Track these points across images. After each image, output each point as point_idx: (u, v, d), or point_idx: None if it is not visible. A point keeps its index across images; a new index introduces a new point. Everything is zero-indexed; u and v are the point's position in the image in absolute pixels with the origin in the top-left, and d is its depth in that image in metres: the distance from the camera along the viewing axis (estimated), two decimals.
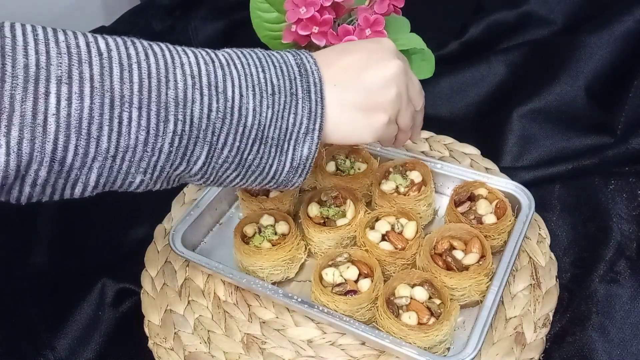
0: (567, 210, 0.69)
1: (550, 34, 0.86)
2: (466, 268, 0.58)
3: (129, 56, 0.39)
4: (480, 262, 0.59)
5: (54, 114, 0.36)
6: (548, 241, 0.65)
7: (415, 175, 0.68)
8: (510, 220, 0.62)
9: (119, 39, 0.40)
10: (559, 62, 0.79)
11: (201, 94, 0.41)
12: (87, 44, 0.38)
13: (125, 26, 1.02)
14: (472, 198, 0.66)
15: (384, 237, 0.62)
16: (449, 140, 0.78)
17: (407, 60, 0.53)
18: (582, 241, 0.65)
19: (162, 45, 0.42)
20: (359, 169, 0.71)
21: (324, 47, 0.72)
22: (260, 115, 0.44)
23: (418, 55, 0.75)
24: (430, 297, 0.57)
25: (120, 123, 0.38)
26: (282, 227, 0.64)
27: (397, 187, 0.67)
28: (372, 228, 0.63)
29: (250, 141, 0.44)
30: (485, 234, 0.61)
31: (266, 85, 0.44)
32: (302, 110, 0.45)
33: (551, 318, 0.59)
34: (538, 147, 0.76)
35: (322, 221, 0.65)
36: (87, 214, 0.71)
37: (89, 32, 0.40)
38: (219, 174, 0.45)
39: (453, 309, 0.55)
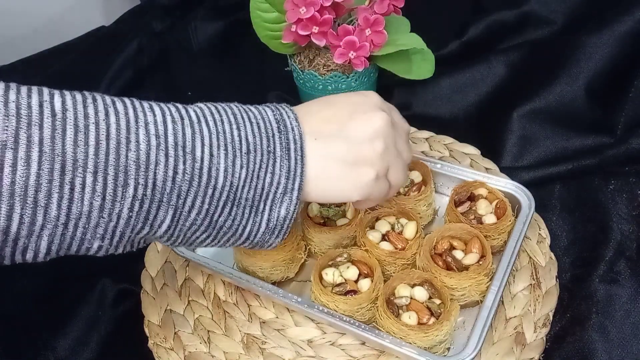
0: (567, 210, 0.69)
1: (550, 34, 0.86)
2: (466, 268, 0.58)
3: (86, 116, 0.36)
4: (480, 262, 0.59)
5: None
6: (548, 241, 0.65)
7: (415, 175, 0.68)
8: (510, 220, 0.62)
9: (78, 96, 0.37)
10: (559, 62, 0.79)
11: (166, 155, 0.38)
12: (40, 104, 0.35)
13: (125, 26, 1.02)
14: (472, 198, 0.66)
15: (384, 237, 0.62)
16: (449, 140, 0.78)
17: (394, 110, 0.50)
18: (582, 241, 0.65)
19: (127, 101, 0.39)
20: None
21: (324, 47, 0.73)
22: (233, 176, 0.41)
23: (418, 55, 0.75)
24: (430, 297, 0.57)
25: (72, 189, 0.35)
26: None
27: None
28: (372, 228, 0.63)
29: (221, 203, 0.41)
30: (485, 234, 0.61)
31: (240, 143, 0.41)
32: (280, 170, 0.43)
33: (551, 318, 0.59)
34: (538, 147, 0.76)
35: (322, 221, 0.65)
36: None
37: (89, 32, 0.39)
38: (187, 236, 0.42)
39: (453, 309, 0.55)
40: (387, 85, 0.85)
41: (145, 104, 0.40)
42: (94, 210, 0.36)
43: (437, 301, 0.56)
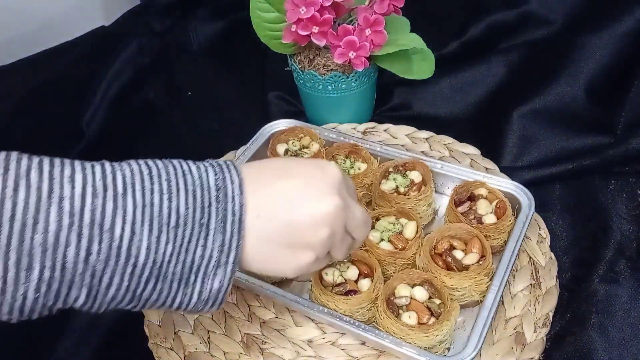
0: (567, 210, 0.69)
1: (550, 34, 0.86)
2: (466, 268, 0.58)
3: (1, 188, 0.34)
4: (480, 262, 0.59)
5: None
6: (548, 241, 0.65)
7: (415, 175, 0.68)
8: (510, 220, 0.62)
9: None
10: (559, 62, 0.79)
11: (79, 235, 0.35)
12: None
13: (125, 26, 1.02)
14: (472, 198, 0.66)
15: (383, 237, 0.62)
16: (449, 140, 0.78)
17: (351, 188, 0.47)
18: (582, 241, 0.65)
19: (47, 167, 0.36)
20: (359, 169, 0.71)
21: (324, 47, 0.73)
22: (157, 253, 0.38)
23: (418, 55, 0.75)
24: (430, 297, 0.57)
25: None
26: None
27: (397, 187, 0.67)
28: (372, 228, 0.63)
29: (144, 279, 0.38)
30: (485, 234, 0.61)
31: (169, 217, 0.38)
32: (213, 243, 0.40)
33: (551, 318, 0.59)
34: (538, 147, 0.76)
35: None
36: None
37: (89, 32, 0.38)
38: (112, 306, 0.40)
39: (453, 309, 0.55)
40: (387, 85, 0.85)
41: (67, 171, 0.36)
42: None
43: (437, 301, 0.56)
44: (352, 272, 0.59)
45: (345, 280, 0.59)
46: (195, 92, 0.93)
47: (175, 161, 0.41)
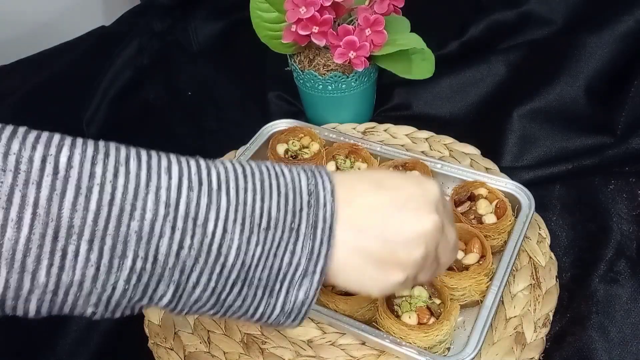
0: (567, 210, 0.69)
1: (550, 34, 0.86)
2: (466, 268, 0.58)
3: (91, 175, 0.33)
4: (480, 262, 0.59)
5: None
6: (548, 241, 0.65)
7: (415, 175, 0.68)
8: (510, 220, 0.62)
9: (89, 150, 0.34)
10: (559, 62, 0.79)
11: (173, 228, 0.35)
12: (44, 159, 0.33)
13: (125, 26, 1.02)
14: (472, 198, 0.66)
15: None
16: (449, 140, 0.78)
17: (448, 211, 0.44)
18: (582, 241, 0.65)
19: (144, 157, 0.36)
20: (359, 169, 0.71)
21: (324, 47, 0.72)
22: (246, 254, 0.37)
23: (418, 55, 0.75)
24: (430, 297, 0.57)
25: (63, 257, 0.33)
26: None
27: None
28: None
29: (231, 282, 0.37)
30: (485, 234, 0.61)
31: (261, 218, 0.37)
32: (302, 250, 0.38)
33: (551, 318, 0.59)
34: (538, 147, 0.76)
35: None
36: None
37: (89, 32, 0.38)
38: (194, 310, 0.39)
39: (453, 309, 0.55)
40: (387, 85, 0.85)
41: (164, 162, 0.36)
42: (86, 280, 0.34)
43: (437, 301, 0.56)
44: None
45: None
46: (195, 92, 0.93)
47: (267, 163, 0.40)
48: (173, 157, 0.37)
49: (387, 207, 0.40)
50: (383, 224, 0.39)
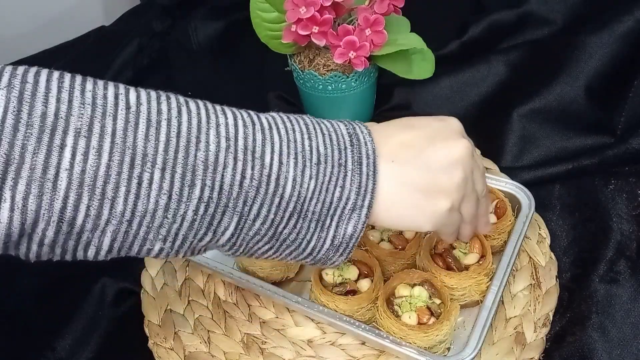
0: (567, 210, 0.69)
1: (550, 34, 0.86)
2: (466, 268, 0.58)
3: (159, 112, 0.36)
4: (480, 262, 0.59)
5: (67, 169, 0.33)
6: (548, 241, 0.65)
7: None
8: (510, 220, 0.62)
9: (153, 93, 0.37)
10: (559, 62, 0.79)
11: (235, 159, 0.37)
12: (116, 96, 0.35)
13: (125, 26, 1.02)
14: None
15: (383, 237, 0.62)
16: None
17: (470, 141, 0.47)
18: (582, 241, 0.65)
19: (200, 103, 0.39)
20: None
21: (324, 47, 0.72)
22: (301, 186, 0.39)
23: (418, 55, 0.75)
24: (430, 297, 0.57)
25: (139, 184, 0.35)
26: None
27: None
28: (372, 228, 0.63)
29: (287, 214, 0.39)
30: (485, 234, 0.61)
31: (311, 153, 0.40)
32: (351, 184, 0.40)
33: (551, 318, 0.59)
34: (538, 147, 0.76)
35: None
36: None
37: (89, 32, 0.39)
38: (250, 246, 0.41)
39: (453, 309, 0.55)
40: (387, 85, 0.85)
41: (218, 107, 0.39)
42: (159, 209, 0.36)
43: (437, 301, 0.56)
44: (352, 272, 0.59)
45: (345, 280, 0.59)
46: (195, 92, 0.93)
47: (305, 115, 0.43)
48: (223, 105, 0.40)
49: (421, 141, 0.43)
50: (421, 155, 0.42)
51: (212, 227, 0.38)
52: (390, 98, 0.86)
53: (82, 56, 0.96)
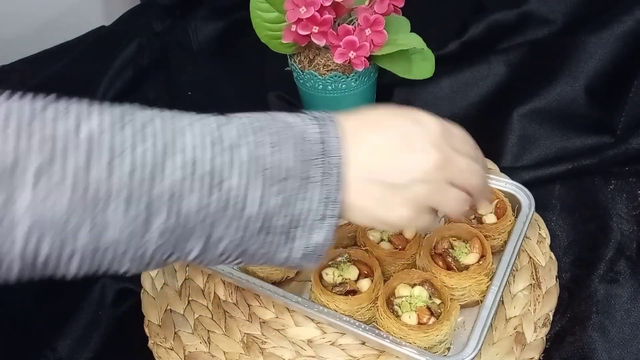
0: (567, 210, 0.69)
1: (550, 34, 0.86)
2: (466, 268, 0.58)
3: (123, 140, 0.35)
4: (480, 262, 0.59)
5: (24, 211, 0.33)
6: (548, 241, 0.65)
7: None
8: (510, 220, 0.62)
9: (116, 112, 0.37)
10: (559, 62, 0.79)
11: (201, 183, 0.37)
12: (78, 126, 0.35)
13: (125, 26, 1.02)
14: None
15: (383, 237, 0.62)
16: None
17: (456, 137, 0.46)
18: (582, 241, 0.65)
19: (166, 117, 0.38)
20: None
21: (324, 47, 0.72)
22: (268, 203, 0.39)
23: (418, 55, 0.75)
24: (430, 297, 0.57)
25: (104, 219, 0.35)
26: None
27: None
28: (372, 228, 0.63)
29: (255, 232, 0.40)
30: (485, 234, 0.61)
31: (279, 169, 0.39)
32: (319, 196, 0.40)
33: (551, 318, 0.59)
34: (538, 147, 0.76)
35: None
36: None
37: (89, 32, 0.38)
38: (220, 261, 0.41)
39: (453, 308, 0.55)
40: (387, 85, 0.85)
41: (186, 120, 0.39)
42: (122, 240, 0.36)
43: (437, 301, 0.56)
44: (352, 272, 0.59)
45: (345, 280, 0.59)
46: (195, 92, 0.93)
47: (278, 114, 0.42)
48: (193, 116, 0.39)
49: (391, 148, 0.42)
50: (388, 164, 0.42)
51: (178, 248, 0.38)
52: (390, 98, 0.86)
53: (82, 56, 0.96)
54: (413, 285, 0.58)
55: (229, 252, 0.40)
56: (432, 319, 0.55)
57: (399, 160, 0.42)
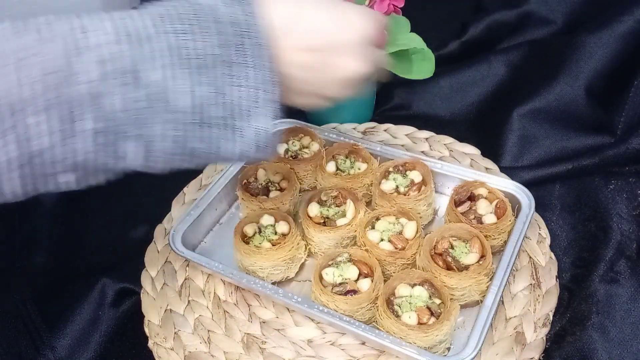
0: (567, 210, 0.69)
1: (550, 34, 0.86)
2: (466, 268, 0.58)
3: (25, 48, 0.35)
4: (480, 262, 0.59)
5: None
6: (548, 241, 0.65)
7: (415, 175, 0.68)
8: (510, 220, 0.62)
9: (10, 24, 0.36)
10: (559, 62, 0.79)
11: (123, 82, 0.35)
12: None
13: None
14: (472, 198, 0.66)
15: (383, 237, 0.62)
16: (449, 140, 0.78)
17: (375, 27, 0.46)
18: (582, 241, 0.65)
19: (74, 16, 0.37)
20: (359, 169, 0.71)
21: None
22: (200, 93, 0.37)
23: (418, 55, 0.75)
24: (430, 297, 0.57)
25: (27, 128, 0.34)
26: (282, 227, 0.64)
27: (397, 186, 0.67)
28: (372, 228, 0.63)
29: (189, 126, 0.38)
30: (485, 234, 0.61)
31: (205, 57, 0.37)
32: (249, 81, 0.39)
33: (551, 318, 0.59)
34: (538, 147, 0.76)
35: (322, 221, 0.65)
36: (87, 213, 0.72)
37: None
38: (168, 165, 0.40)
39: (453, 308, 0.55)
40: (387, 85, 0.85)
41: (95, 18, 0.37)
42: (56, 146, 0.35)
43: (437, 301, 0.56)
44: (352, 272, 0.59)
45: (345, 280, 0.59)
46: None
47: (200, 0, 0.40)
48: (102, 14, 0.37)
49: (325, 49, 0.42)
50: (321, 62, 0.42)
51: (118, 153, 0.37)
52: (390, 98, 0.86)
53: None
54: (413, 285, 0.57)
55: (170, 151, 0.38)
56: (432, 319, 0.55)
57: (329, 66, 0.43)
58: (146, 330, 0.61)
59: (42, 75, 0.34)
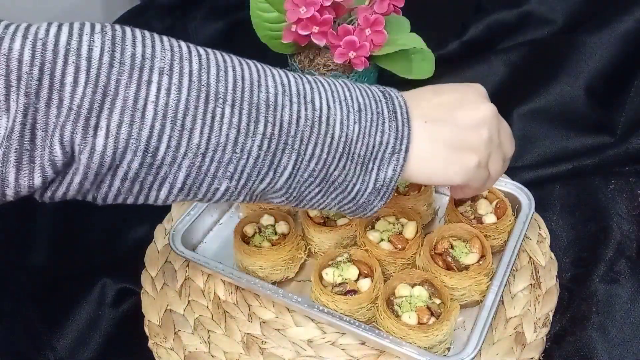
0: (567, 210, 0.69)
1: (550, 33, 0.86)
2: (466, 268, 0.58)
3: (224, 60, 0.41)
4: (480, 262, 0.59)
5: (153, 101, 0.37)
6: (548, 241, 0.65)
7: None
8: (510, 220, 0.62)
9: (217, 51, 0.43)
10: (559, 62, 0.79)
11: (290, 101, 0.42)
12: (188, 46, 0.41)
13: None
14: (472, 198, 0.66)
15: (383, 237, 0.62)
16: None
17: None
18: (582, 241, 0.65)
19: (253, 61, 0.44)
20: None
21: (324, 47, 0.72)
22: (348, 128, 0.43)
23: (418, 55, 0.75)
24: (430, 297, 0.57)
25: (213, 118, 0.39)
26: (282, 227, 0.64)
27: (397, 186, 0.67)
28: (372, 228, 0.63)
29: (338, 155, 0.43)
30: (485, 234, 0.61)
31: (352, 101, 0.44)
32: (389, 129, 0.45)
33: (551, 318, 0.59)
34: (538, 147, 0.76)
35: (322, 221, 0.65)
36: (87, 213, 0.71)
37: None
38: (302, 190, 0.45)
39: (453, 308, 0.55)
40: (387, 85, 0.85)
41: (268, 66, 0.44)
42: (229, 143, 0.40)
43: (437, 301, 0.56)
44: (352, 272, 0.59)
45: (345, 280, 0.59)
46: None
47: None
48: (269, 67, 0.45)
49: (450, 103, 0.47)
50: (451, 115, 0.46)
51: (273, 165, 0.42)
52: None
53: None
54: (413, 285, 0.58)
55: (315, 175, 0.44)
56: (432, 319, 0.55)
57: (461, 110, 0.47)
58: (146, 330, 0.61)
59: (234, 79, 0.41)
